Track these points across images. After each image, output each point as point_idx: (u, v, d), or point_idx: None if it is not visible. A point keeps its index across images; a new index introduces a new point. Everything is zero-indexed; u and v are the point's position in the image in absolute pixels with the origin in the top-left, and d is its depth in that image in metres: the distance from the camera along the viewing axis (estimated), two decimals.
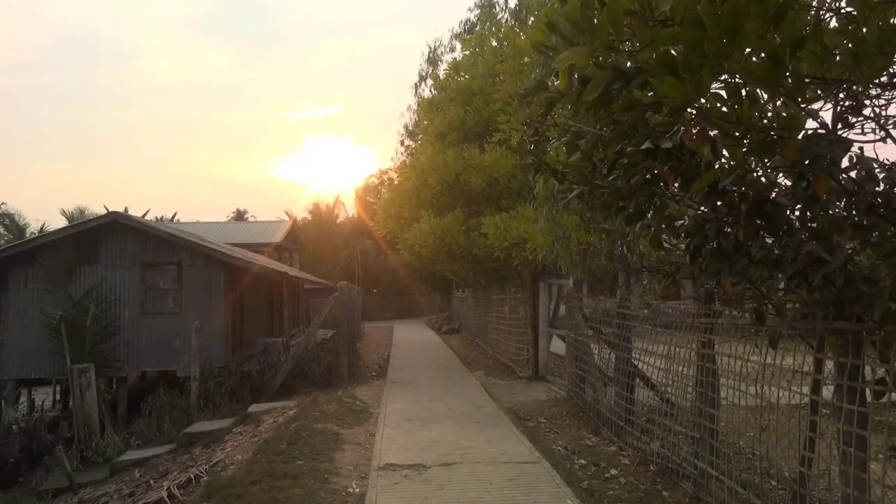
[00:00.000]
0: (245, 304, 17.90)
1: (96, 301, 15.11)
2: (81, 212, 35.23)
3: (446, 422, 9.79)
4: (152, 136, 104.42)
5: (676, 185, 3.40)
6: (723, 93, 2.64)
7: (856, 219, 3.12)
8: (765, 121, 2.76)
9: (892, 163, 3.14)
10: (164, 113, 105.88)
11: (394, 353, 21.09)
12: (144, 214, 35.55)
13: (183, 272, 15.68)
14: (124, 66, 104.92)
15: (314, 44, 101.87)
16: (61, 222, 34.37)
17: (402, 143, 42.08)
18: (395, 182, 19.27)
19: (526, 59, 12.32)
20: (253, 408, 12.01)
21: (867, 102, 3.18)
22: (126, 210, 23.31)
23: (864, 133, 3.19)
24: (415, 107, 36.28)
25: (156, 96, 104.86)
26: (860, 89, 3.07)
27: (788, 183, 3.21)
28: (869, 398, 3.88)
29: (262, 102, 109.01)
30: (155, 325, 15.39)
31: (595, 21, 2.57)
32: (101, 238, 15.63)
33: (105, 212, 17.51)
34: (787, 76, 2.47)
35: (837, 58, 2.64)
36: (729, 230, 3.30)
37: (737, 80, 2.67)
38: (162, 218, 45.35)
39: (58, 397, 17.18)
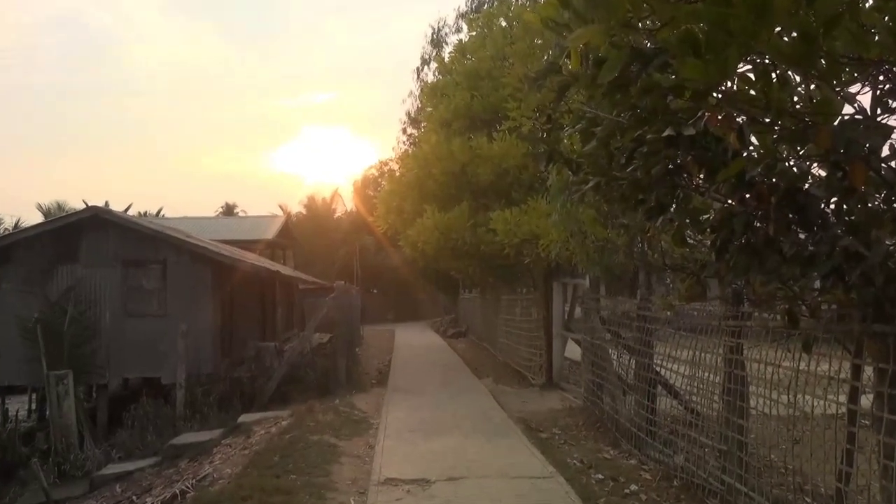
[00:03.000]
0: (235, 305, 17.94)
1: (75, 302, 15.17)
2: (59, 206, 35.44)
3: (452, 433, 9.78)
4: (135, 127, 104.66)
5: (701, 175, 3.39)
6: (750, 75, 2.62)
7: None
8: (797, 105, 2.74)
9: None
10: (148, 101, 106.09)
11: (395, 358, 21.10)
12: (127, 209, 35.63)
13: (168, 271, 15.72)
14: (106, 53, 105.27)
15: (310, 25, 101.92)
16: (37, 218, 34.55)
17: (403, 131, 42.20)
18: (397, 174, 19.26)
19: (538, 41, 12.31)
20: (243, 417, 12.04)
21: None
22: (107, 204, 23.40)
23: None
24: (417, 92, 36.37)
25: (139, 84, 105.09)
26: None
27: (822, 173, 3.19)
28: None
29: (254, 89, 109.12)
30: (138, 327, 15.43)
31: None
32: (81, 234, 15.69)
33: (84, 206, 17.55)
34: (821, 56, 2.45)
35: (876, 37, 2.61)
36: (758, 224, 3.29)
37: (766, 60, 2.65)
38: (146, 213, 45.45)
39: (33, 406, 17.25)
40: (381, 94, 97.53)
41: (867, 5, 2.73)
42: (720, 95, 2.71)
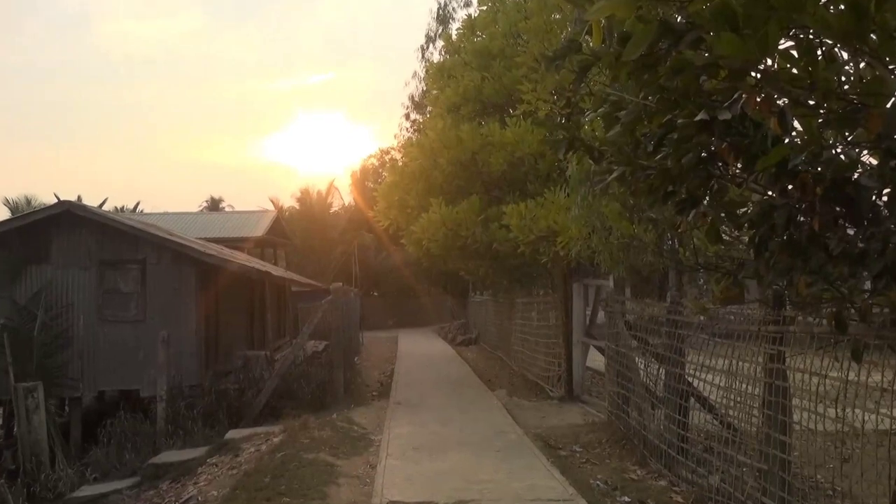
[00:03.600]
0: (221, 310, 17.99)
1: (45, 307, 15.23)
2: (28, 201, 35.57)
3: (461, 450, 9.79)
4: (111, 113, 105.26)
5: (737, 164, 3.37)
6: (793, 52, 2.61)
7: None
8: (845, 86, 2.72)
9: None
10: (125, 85, 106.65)
11: (398, 368, 21.13)
12: (102, 204, 35.80)
13: (147, 272, 15.77)
14: (80, 31, 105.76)
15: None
16: (3, 214, 34.76)
17: (407, 116, 42.25)
18: (399, 164, 19.26)
19: (555, 15, 12.30)
20: (231, 434, 12.07)
21: None
22: (80, 199, 23.49)
23: None
24: (422, 74, 36.42)
25: (116, 66, 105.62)
26: None
27: (874, 161, 3.17)
28: None
29: (242, 70, 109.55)
30: (115, 335, 15.49)
31: None
32: (51, 232, 15.75)
33: (56, 201, 17.63)
34: (872, 30, 2.43)
35: None
36: (802, 219, 3.27)
37: (810, 35, 2.63)
38: (122, 208, 45.63)
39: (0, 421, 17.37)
40: (382, 75, 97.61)
41: None
42: (759, 75, 2.70)
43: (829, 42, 2.59)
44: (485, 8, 16.25)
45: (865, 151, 3.20)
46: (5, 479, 12.05)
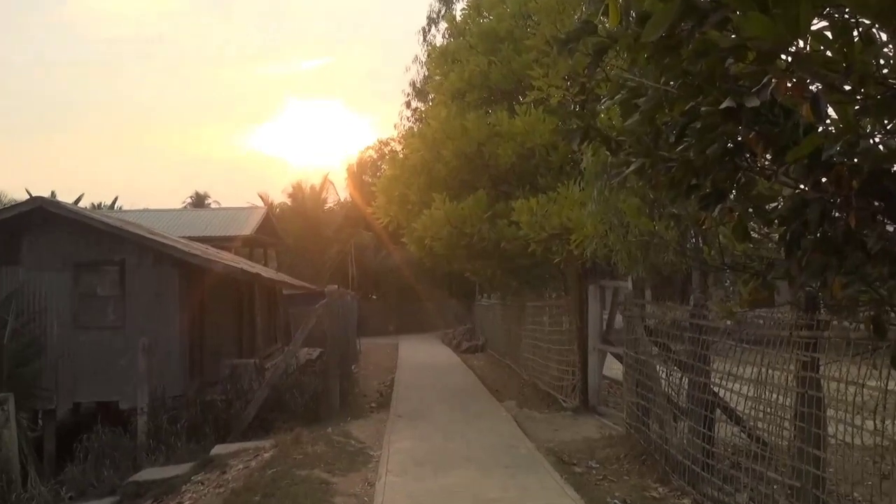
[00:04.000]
0: (207, 315, 18.02)
1: (16, 312, 15.27)
2: None
3: (467, 466, 9.79)
4: (87, 101, 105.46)
5: (766, 155, 3.36)
6: (827, 33, 2.60)
7: None
8: (884, 70, 2.71)
9: None
10: (100, 71, 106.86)
11: (399, 377, 21.14)
12: (77, 200, 35.90)
13: (127, 274, 15.80)
14: (54, 11, 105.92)
15: None
16: None
17: (407, 104, 42.39)
18: (400, 156, 19.27)
19: None
20: (217, 449, 12.09)
21: None
22: (53, 195, 23.59)
23: None
24: (424, 58, 36.46)
25: (92, 50, 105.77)
26: None
27: None
28: None
29: (229, 54, 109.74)
30: (92, 342, 15.53)
31: None
32: (22, 231, 15.79)
33: (27, 197, 17.67)
34: None
35: None
36: (837, 214, 3.26)
37: (846, 15, 2.63)
38: (100, 205, 45.84)
39: None
40: (381, 60, 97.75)
41: None
42: (790, 58, 2.69)
43: (867, 22, 2.58)
44: None
45: None
46: None
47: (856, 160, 3.12)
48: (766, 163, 3.52)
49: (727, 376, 7.35)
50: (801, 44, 2.61)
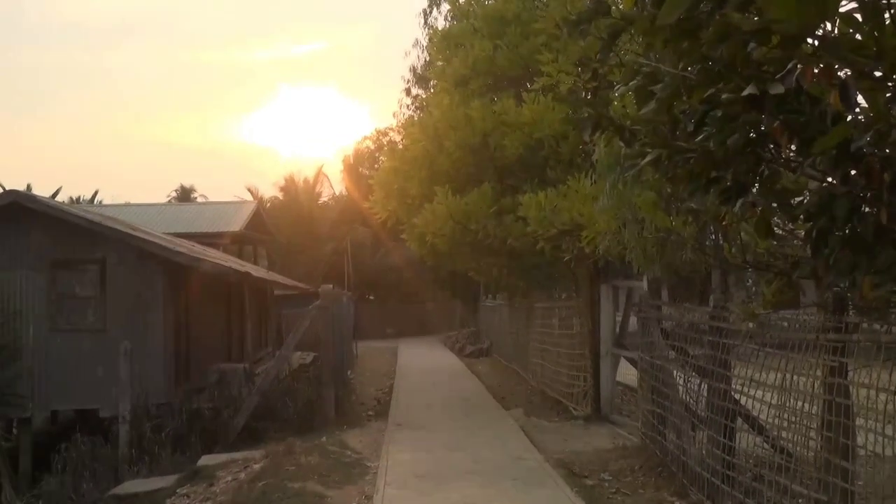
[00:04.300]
0: (193, 317, 18.03)
1: None
2: None
3: (472, 479, 9.80)
4: (64, 88, 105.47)
5: (791, 146, 3.36)
6: (857, 14, 2.60)
7: None
8: None
9: None
10: (79, 55, 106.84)
11: (398, 384, 21.19)
12: (55, 194, 36.01)
13: (108, 274, 15.80)
14: None
15: None
16: None
17: (407, 91, 42.42)
18: (399, 147, 19.29)
19: None
20: (204, 460, 12.10)
21: None
22: (29, 188, 23.61)
23: None
24: (425, 42, 36.45)
25: (68, 33, 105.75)
26: None
27: None
28: None
29: (215, 38, 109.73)
30: (70, 346, 15.52)
31: None
32: None
33: (0, 191, 17.69)
34: None
35: None
36: (867, 209, 3.26)
37: None
38: (79, 199, 45.88)
39: None
40: (379, 44, 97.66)
41: None
42: (817, 42, 2.69)
43: None
44: None
45: None
46: None
47: (888, 151, 3.11)
48: (791, 154, 3.52)
49: (749, 382, 7.34)
50: (829, 27, 2.61)
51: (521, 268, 15.96)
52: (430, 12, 37.94)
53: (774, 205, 3.69)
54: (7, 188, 17.59)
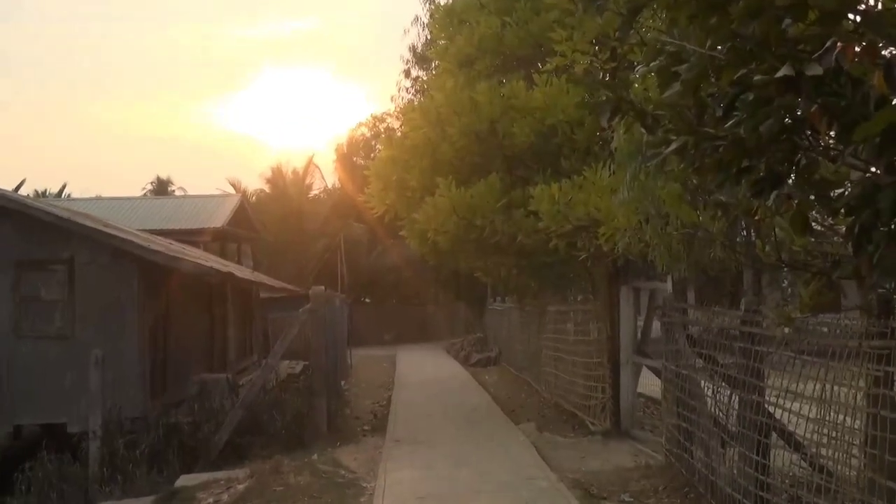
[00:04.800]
0: (171, 322, 18.05)
1: None
2: None
3: (478, 500, 9.82)
4: (27, 70, 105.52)
5: (831, 133, 3.36)
6: None
7: None
8: None
9: None
10: (44, 33, 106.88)
11: (397, 395, 21.21)
12: (18, 187, 36.08)
13: (77, 274, 15.80)
14: None
15: None
16: None
17: (406, 73, 42.48)
18: (398, 134, 19.30)
19: None
20: (183, 480, 12.11)
21: None
22: None
23: None
24: (426, 19, 36.44)
25: (25, 8, 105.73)
26: None
27: None
28: None
29: (196, 14, 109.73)
30: (35, 354, 15.53)
31: None
32: None
33: None
34: None
35: None
36: None
37: None
38: (45, 193, 45.96)
39: None
40: (376, 20, 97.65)
41: None
42: (859, 18, 2.69)
43: None
44: None
45: None
46: None
47: None
48: (831, 141, 3.52)
49: (785, 394, 7.33)
50: (871, 1, 2.61)
51: (532, 267, 15.96)
52: None
53: (812, 197, 3.68)
54: None
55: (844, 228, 3.84)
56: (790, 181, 3.69)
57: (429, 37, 32.92)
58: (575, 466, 11.76)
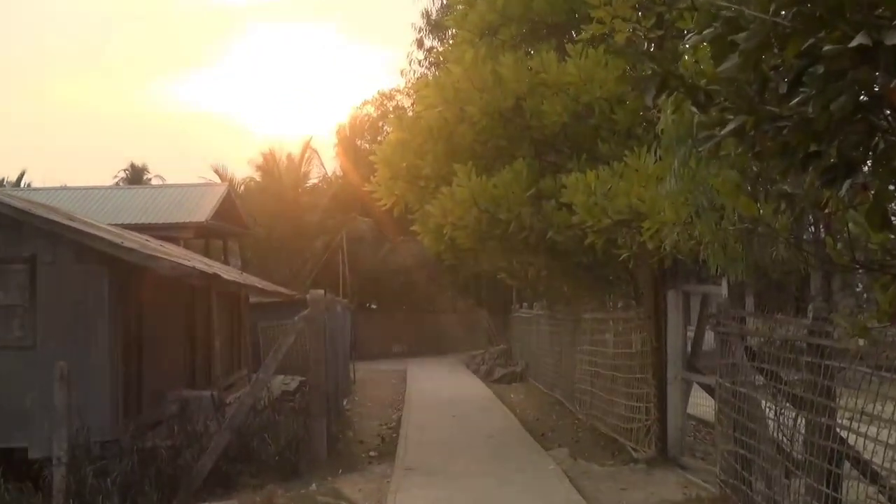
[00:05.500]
0: (148, 331, 18.11)
1: None
2: None
3: None
4: None
5: None
6: None
7: None
8: None
9: None
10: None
11: (408, 416, 21.27)
12: None
13: (39, 276, 15.87)
14: None
15: None
16: None
17: (419, 43, 42.50)
18: (409, 114, 19.33)
19: None
20: None
21: None
22: None
23: None
24: None
25: None
26: None
27: None
28: None
29: None
30: None
31: None
32: None
33: None
34: None
35: None
36: None
37: None
38: (3, 182, 46.22)
39: None
40: None
41: None
42: None
43: None
44: None
45: None
46: None
47: None
48: None
49: (860, 416, 7.32)
50: None
51: (565, 268, 15.96)
52: None
53: (892, 187, 3.67)
54: None
55: None
56: (866, 168, 3.67)
57: (445, 1, 32.94)
58: (615, 499, 11.77)
